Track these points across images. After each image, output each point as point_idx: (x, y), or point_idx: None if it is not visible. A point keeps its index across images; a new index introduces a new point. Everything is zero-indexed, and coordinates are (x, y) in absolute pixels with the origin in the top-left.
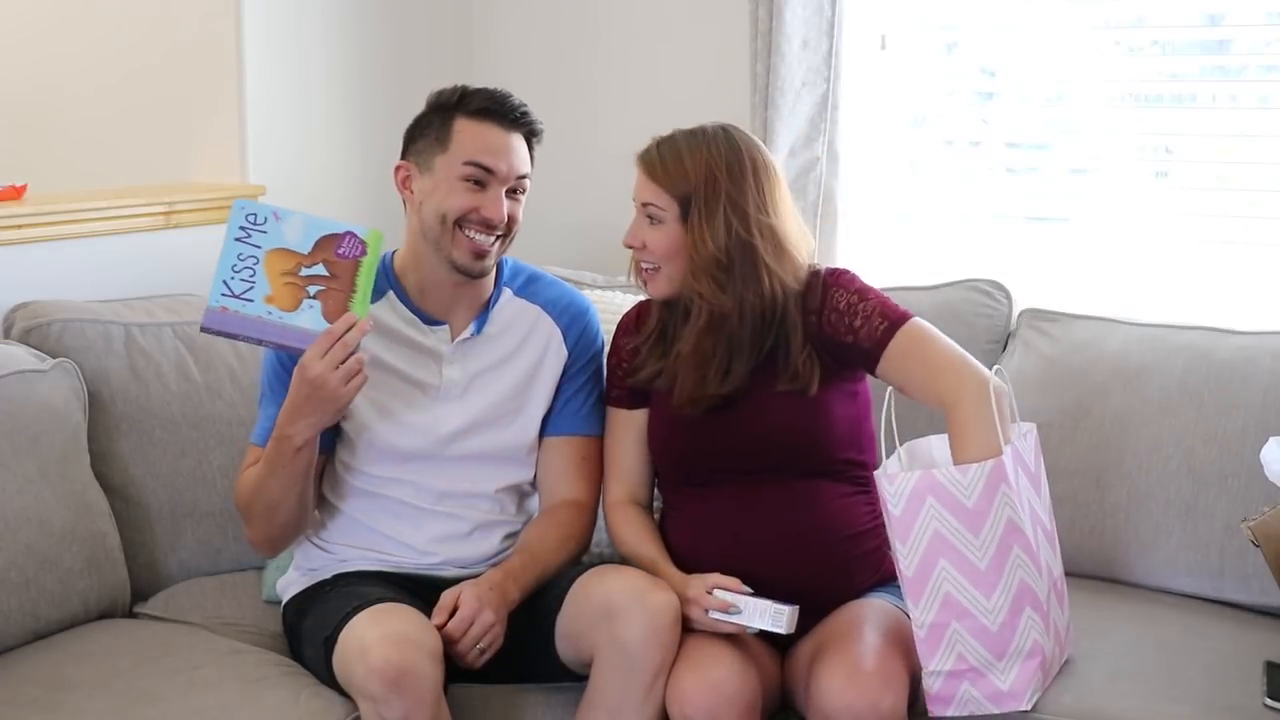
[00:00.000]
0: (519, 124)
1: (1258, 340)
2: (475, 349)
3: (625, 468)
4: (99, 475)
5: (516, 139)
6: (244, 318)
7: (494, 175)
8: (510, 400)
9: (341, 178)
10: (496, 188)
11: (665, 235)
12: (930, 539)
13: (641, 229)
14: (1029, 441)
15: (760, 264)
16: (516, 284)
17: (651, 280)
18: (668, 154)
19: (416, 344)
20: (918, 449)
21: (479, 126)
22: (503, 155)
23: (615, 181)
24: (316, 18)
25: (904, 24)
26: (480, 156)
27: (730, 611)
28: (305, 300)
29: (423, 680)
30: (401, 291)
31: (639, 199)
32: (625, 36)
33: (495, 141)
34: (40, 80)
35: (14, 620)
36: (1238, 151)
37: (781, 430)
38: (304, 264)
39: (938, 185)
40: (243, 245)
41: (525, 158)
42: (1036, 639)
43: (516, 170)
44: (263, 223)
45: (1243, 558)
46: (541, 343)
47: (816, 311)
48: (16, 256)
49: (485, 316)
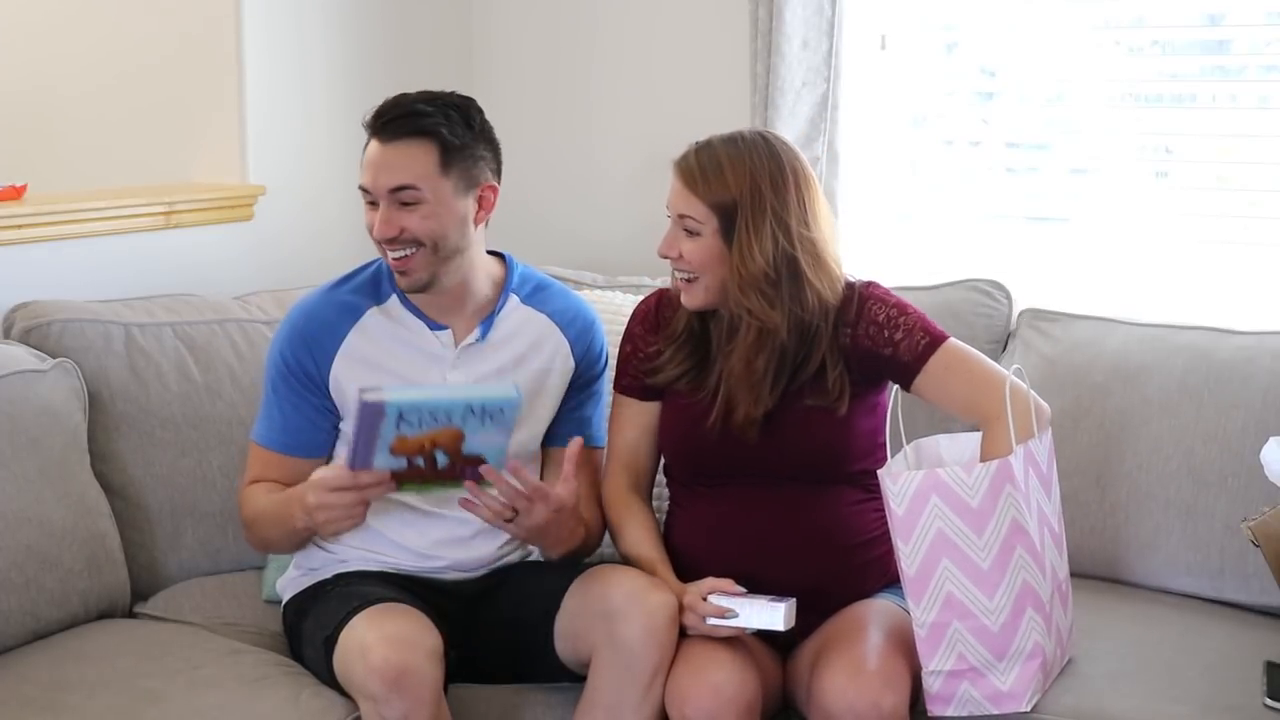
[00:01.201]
0: (388, 130)
1: (1258, 340)
2: (480, 354)
3: (631, 457)
4: (99, 475)
5: (393, 150)
6: (373, 416)
7: (369, 193)
8: None
9: (341, 178)
10: (379, 203)
11: (703, 247)
12: (933, 538)
13: (677, 239)
14: (1044, 443)
15: (803, 278)
16: (524, 291)
17: (687, 290)
18: (707, 164)
19: (420, 347)
20: (925, 448)
21: (370, 145)
22: (370, 171)
23: (615, 181)
24: (316, 18)
25: (904, 24)
26: (361, 179)
27: (727, 616)
28: (415, 458)
29: (423, 680)
30: (404, 295)
31: (675, 210)
32: (625, 36)
33: (370, 158)
34: (40, 80)
35: (14, 620)
36: (1238, 151)
37: (805, 443)
38: (446, 448)
39: (938, 185)
40: (463, 410)
41: (399, 167)
42: (1038, 640)
43: (385, 184)
44: (501, 414)
45: (1243, 558)
46: (548, 352)
47: (852, 324)
48: (16, 256)
49: (490, 322)
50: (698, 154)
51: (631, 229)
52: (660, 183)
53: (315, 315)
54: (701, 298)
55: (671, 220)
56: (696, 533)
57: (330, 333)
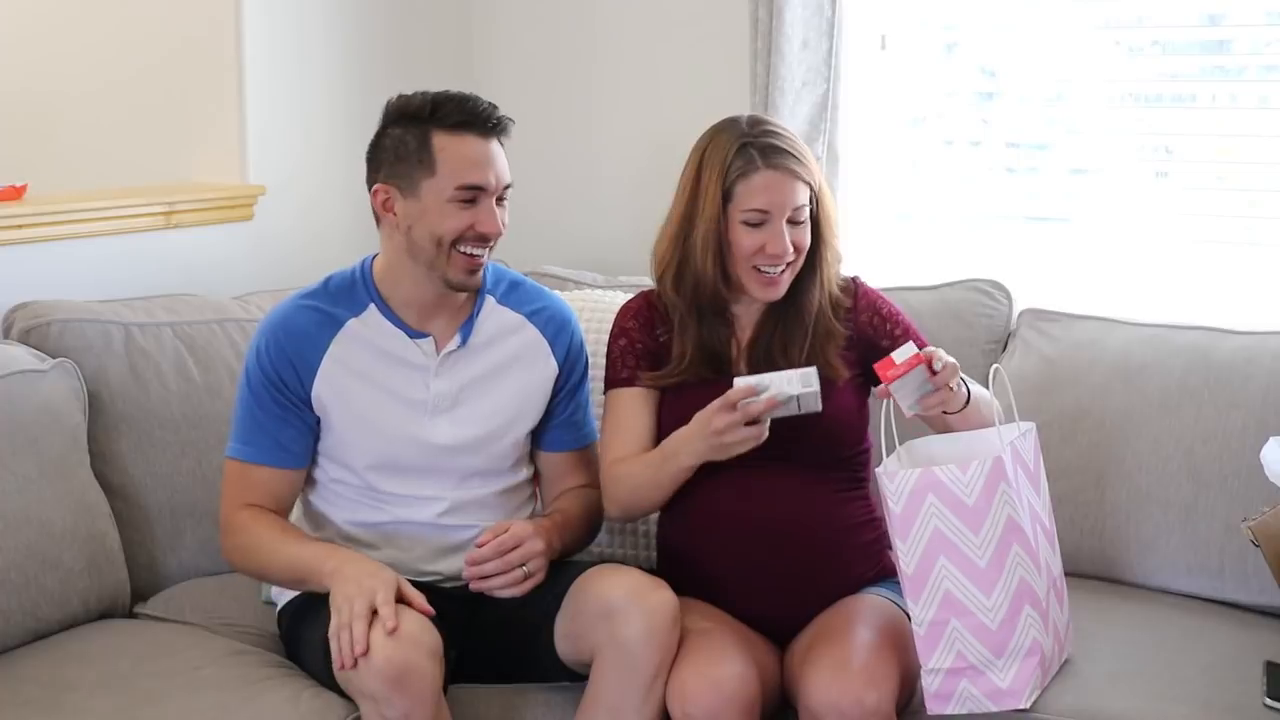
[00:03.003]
0: (496, 129)
1: (1258, 340)
2: (462, 360)
3: (632, 436)
4: (99, 475)
5: (495, 146)
6: None
7: (484, 191)
8: (500, 412)
9: (341, 178)
10: (487, 200)
11: (807, 230)
12: (930, 536)
13: (790, 235)
14: (1029, 441)
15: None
16: (499, 291)
17: (779, 283)
18: (799, 150)
19: (402, 358)
20: (916, 448)
21: (459, 141)
22: (490, 169)
23: (615, 181)
24: (316, 18)
25: (904, 24)
26: (471, 178)
27: (760, 392)
28: None
29: (423, 678)
30: (383, 304)
31: (791, 204)
32: (625, 36)
33: (478, 155)
34: (40, 80)
35: (14, 620)
36: (1238, 151)
37: (800, 417)
38: None
39: (938, 185)
40: None
41: (505, 163)
42: (1036, 637)
43: (504, 180)
44: None
45: (1243, 558)
46: (529, 354)
47: (852, 311)
48: (16, 256)
49: (470, 327)
50: (778, 142)
51: (632, 229)
52: (661, 183)
53: (294, 329)
54: (789, 283)
55: (777, 222)
56: (689, 521)
57: (311, 345)
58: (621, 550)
